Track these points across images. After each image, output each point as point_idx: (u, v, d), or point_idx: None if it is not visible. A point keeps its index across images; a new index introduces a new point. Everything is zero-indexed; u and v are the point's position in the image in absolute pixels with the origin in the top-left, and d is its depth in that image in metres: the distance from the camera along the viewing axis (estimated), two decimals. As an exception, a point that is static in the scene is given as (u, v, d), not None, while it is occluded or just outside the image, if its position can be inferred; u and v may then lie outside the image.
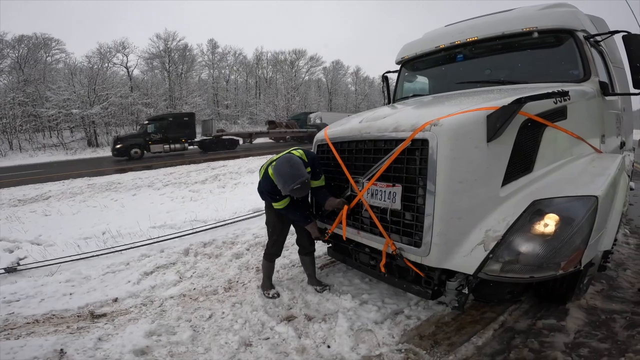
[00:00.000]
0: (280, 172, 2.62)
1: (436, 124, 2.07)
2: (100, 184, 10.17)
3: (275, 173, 2.67)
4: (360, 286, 3.30)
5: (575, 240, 1.88)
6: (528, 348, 2.31)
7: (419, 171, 2.16)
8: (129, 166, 15.24)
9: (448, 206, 2.04)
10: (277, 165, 2.70)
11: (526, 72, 3.19)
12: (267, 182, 2.86)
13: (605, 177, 2.18)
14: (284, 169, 2.61)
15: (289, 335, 2.58)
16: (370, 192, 2.50)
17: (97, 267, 3.94)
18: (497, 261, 1.94)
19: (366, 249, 2.72)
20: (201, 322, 2.83)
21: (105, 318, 2.94)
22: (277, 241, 3.22)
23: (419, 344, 2.42)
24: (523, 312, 2.76)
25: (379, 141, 2.45)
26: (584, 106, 2.75)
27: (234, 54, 50.23)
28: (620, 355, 2.19)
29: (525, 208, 2.01)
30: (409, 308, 2.87)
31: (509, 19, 3.31)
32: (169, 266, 4.00)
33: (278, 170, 2.65)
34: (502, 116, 2.00)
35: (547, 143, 2.35)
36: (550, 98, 2.18)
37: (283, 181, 2.58)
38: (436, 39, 3.88)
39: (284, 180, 2.57)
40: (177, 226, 5.51)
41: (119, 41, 38.76)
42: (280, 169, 2.63)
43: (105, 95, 32.97)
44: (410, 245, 2.25)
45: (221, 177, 10.62)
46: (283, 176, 2.58)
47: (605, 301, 2.86)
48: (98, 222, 6.02)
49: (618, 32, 2.97)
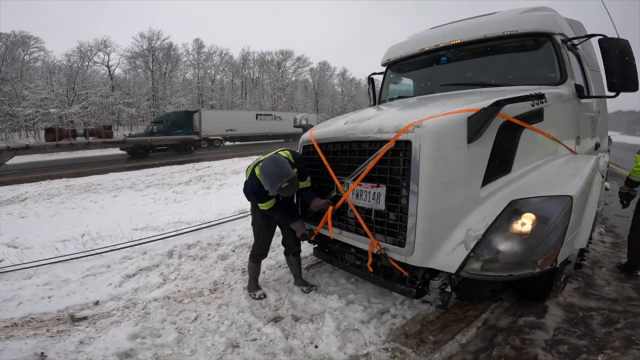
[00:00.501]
0: (267, 171, 2.61)
1: (419, 126, 2.12)
2: (80, 185, 9.87)
3: (262, 173, 2.67)
4: (347, 286, 3.32)
5: (551, 238, 1.94)
6: (510, 345, 2.37)
7: (403, 172, 2.20)
8: (110, 167, 14.83)
9: (430, 206, 2.08)
10: (263, 165, 2.69)
11: (507, 75, 3.26)
12: (254, 182, 2.85)
13: (579, 178, 2.25)
14: (270, 169, 2.60)
15: (277, 336, 2.57)
16: (355, 192, 2.52)
17: (76, 270, 3.83)
18: (478, 260, 1.99)
19: (352, 249, 2.74)
20: (187, 324, 2.79)
21: (87, 321, 2.87)
22: (263, 242, 3.21)
23: (405, 343, 2.45)
24: (504, 310, 2.83)
25: (363, 142, 2.47)
26: (560, 109, 2.84)
27: (220, 53, 49.68)
28: (598, 352, 2.26)
29: (503, 208, 2.07)
30: (394, 307, 2.90)
31: (491, 23, 3.39)
32: (152, 268, 3.93)
33: (265, 170, 2.64)
34: (481, 118, 2.05)
35: (525, 144, 2.42)
36: (527, 101, 2.24)
37: (270, 181, 2.57)
38: (421, 41, 3.94)
39: (271, 180, 2.57)
40: (160, 228, 5.41)
41: (101, 40, 37.81)
42: (267, 169, 2.63)
43: (85, 95, 32.07)
44: (395, 245, 2.28)
45: (206, 178, 10.49)
46: (270, 176, 2.58)
47: (582, 298, 2.95)
48: (77, 224, 5.86)
49: (594, 35, 3.05)
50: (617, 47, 2.76)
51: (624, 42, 2.78)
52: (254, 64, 52.80)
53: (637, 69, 2.79)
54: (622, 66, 2.74)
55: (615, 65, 2.76)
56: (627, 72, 2.75)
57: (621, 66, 2.74)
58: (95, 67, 38.04)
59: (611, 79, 2.81)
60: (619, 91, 2.83)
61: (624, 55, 2.74)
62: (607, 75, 2.84)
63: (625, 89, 2.79)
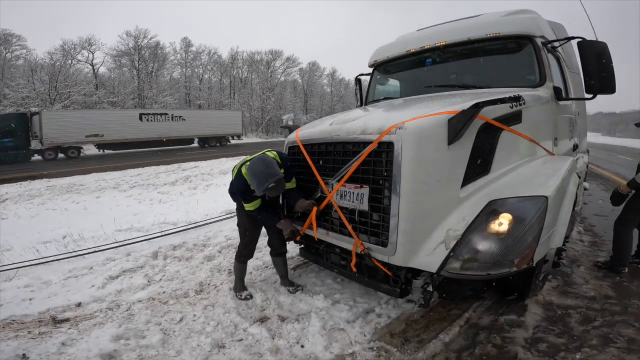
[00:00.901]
0: (255, 171, 2.61)
1: (401, 127, 2.15)
2: (61, 186, 9.67)
3: (249, 172, 2.66)
4: (333, 286, 3.34)
5: (527, 238, 1.99)
6: (491, 343, 2.42)
7: (385, 173, 2.23)
8: (93, 167, 14.51)
9: (412, 207, 2.12)
10: (251, 165, 2.69)
11: (489, 77, 3.31)
12: (241, 182, 2.84)
13: (555, 178, 2.32)
14: (258, 168, 2.60)
15: (263, 336, 2.58)
16: (340, 193, 2.54)
17: (57, 272, 3.79)
18: (457, 259, 2.03)
19: (337, 249, 2.76)
20: (172, 325, 2.77)
21: (69, 323, 2.83)
22: (249, 243, 3.20)
23: (390, 342, 2.48)
24: (486, 309, 2.89)
25: (348, 143, 2.50)
26: (538, 110, 2.89)
27: (208, 52, 49.04)
28: (576, 350, 2.33)
29: (482, 208, 2.11)
30: (379, 307, 2.93)
31: (475, 25, 3.45)
32: (136, 270, 3.89)
33: (252, 169, 2.64)
34: (461, 120, 2.09)
35: (503, 146, 2.48)
36: (504, 103, 2.30)
37: (257, 180, 2.57)
38: (407, 43, 3.98)
39: (258, 180, 2.57)
40: (145, 229, 5.34)
41: (85, 38, 36.86)
42: (254, 168, 2.63)
43: (67, 93, 31.27)
44: (378, 245, 2.31)
45: (192, 178, 10.38)
46: (257, 175, 2.57)
47: (561, 297, 3.03)
48: (58, 225, 5.77)
49: (574, 38, 3.10)
50: (595, 50, 2.80)
51: (602, 45, 2.82)
52: (243, 64, 52.38)
53: (614, 71, 2.82)
54: (600, 68, 2.78)
55: (592, 67, 2.80)
56: (605, 74, 2.78)
57: (599, 68, 2.78)
58: (78, 66, 37.12)
59: (589, 81, 2.85)
60: (597, 93, 2.87)
61: (601, 58, 2.78)
62: (585, 77, 2.87)
63: (603, 91, 2.83)
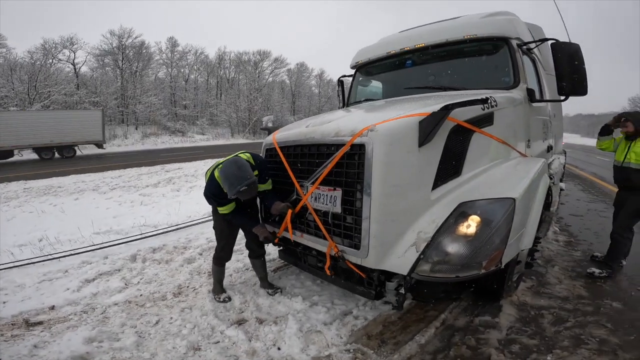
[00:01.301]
0: (227, 174, 2.58)
1: (372, 130, 2.14)
2: (38, 188, 9.41)
3: (222, 175, 2.63)
4: (312, 288, 3.33)
5: (495, 240, 2.00)
6: (466, 345, 2.45)
7: (357, 175, 2.22)
8: (69, 169, 14.12)
9: (383, 209, 2.11)
10: (223, 168, 2.65)
11: (466, 79, 3.34)
12: (213, 185, 2.80)
13: (525, 180, 2.35)
14: (230, 171, 2.57)
15: (239, 339, 2.56)
16: (314, 195, 2.53)
17: (32, 275, 3.71)
18: (427, 262, 2.03)
19: (313, 251, 2.75)
20: (147, 328, 2.75)
21: (42, 326, 2.80)
22: (226, 245, 3.17)
23: (367, 344, 2.48)
24: (462, 310, 2.91)
25: (322, 145, 2.48)
26: (511, 112, 2.93)
27: (194, 52, 48.34)
28: (548, 351, 2.36)
29: (452, 210, 2.13)
30: (357, 308, 2.93)
31: (454, 27, 3.48)
32: (113, 273, 3.84)
33: (224, 172, 2.61)
34: (431, 122, 2.10)
35: (475, 148, 2.50)
36: (474, 105, 2.31)
37: (229, 183, 2.54)
38: (388, 45, 4.01)
39: (230, 182, 2.54)
40: (125, 232, 5.24)
41: (67, 37, 35.85)
42: (226, 171, 2.60)
43: (47, 93, 30.37)
44: (351, 247, 2.30)
45: (176, 180, 10.21)
46: (229, 178, 2.55)
47: (534, 297, 3.08)
48: (35, 228, 5.62)
49: (547, 39, 3.12)
50: (568, 51, 2.81)
51: (575, 46, 2.84)
52: (230, 64, 51.89)
53: (586, 73, 2.83)
54: (572, 70, 2.79)
55: (565, 69, 2.81)
56: (577, 76, 2.80)
57: (571, 70, 2.79)
58: (59, 65, 36.08)
59: (561, 82, 2.87)
60: (569, 95, 2.91)
61: (573, 60, 2.79)
62: (558, 79, 2.89)
63: (574, 93, 2.85)
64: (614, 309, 2.86)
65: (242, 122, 45.37)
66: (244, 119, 45.30)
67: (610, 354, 2.31)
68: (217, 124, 45.80)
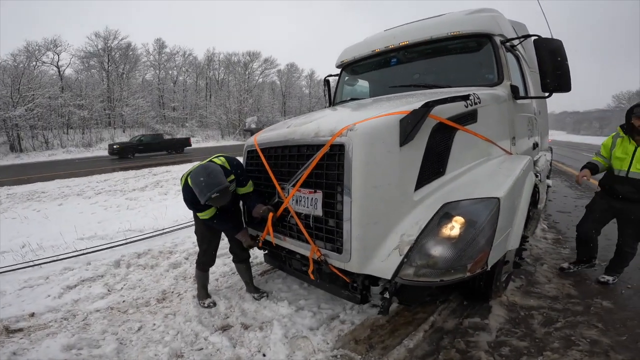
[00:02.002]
0: (196, 182, 2.47)
1: (352, 129, 2.07)
2: (22, 194, 9.19)
3: (192, 182, 2.53)
4: (299, 292, 3.26)
5: (480, 241, 1.94)
6: (455, 348, 2.39)
7: (337, 177, 2.14)
8: (56, 173, 13.81)
9: (364, 211, 2.04)
10: (193, 175, 2.55)
11: (451, 77, 3.30)
12: (187, 192, 2.69)
13: (510, 179, 2.29)
14: (198, 178, 2.47)
15: (223, 345, 2.49)
16: (296, 198, 2.45)
17: (12, 282, 3.63)
18: (411, 265, 1.96)
19: (297, 255, 2.68)
20: (129, 335, 2.68)
21: (22, 333, 2.75)
22: (208, 250, 3.08)
23: (354, 349, 2.42)
24: (451, 312, 2.86)
25: (302, 146, 2.41)
26: (495, 109, 2.88)
27: (183, 54, 47.78)
28: (538, 353, 2.31)
29: (436, 211, 2.06)
30: (344, 312, 2.86)
31: (438, 24, 3.44)
32: (95, 279, 3.75)
33: (194, 179, 2.50)
34: (412, 120, 2.04)
35: (458, 146, 2.44)
36: (455, 102, 2.25)
37: (199, 190, 2.45)
38: (373, 43, 3.97)
39: (199, 190, 2.44)
40: (109, 237, 5.11)
41: (50, 39, 35.06)
42: (195, 179, 2.49)
43: (31, 96, 29.67)
44: (334, 251, 2.22)
45: (163, 183, 10.04)
46: (199, 185, 2.45)
47: (524, 297, 3.04)
48: (17, 235, 5.46)
49: (530, 36, 3.08)
50: (550, 47, 2.78)
51: (557, 42, 2.80)
52: (220, 65, 51.48)
53: (569, 69, 2.78)
54: (555, 66, 2.75)
55: (548, 65, 2.77)
56: (560, 72, 2.75)
57: (554, 66, 2.76)
58: (43, 68, 35.27)
59: (544, 79, 2.82)
60: (552, 91, 2.85)
61: (556, 56, 2.75)
62: (541, 75, 2.85)
63: (558, 90, 2.81)
64: (604, 308, 2.83)
65: (232, 123, 45.07)
66: (234, 120, 45.02)
67: (602, 355, 2.27)
68: (207, 125, 45.40)
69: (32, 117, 29.82)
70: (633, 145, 3.02)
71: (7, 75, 29.51)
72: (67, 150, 29.00)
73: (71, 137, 32.55)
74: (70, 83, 36.15)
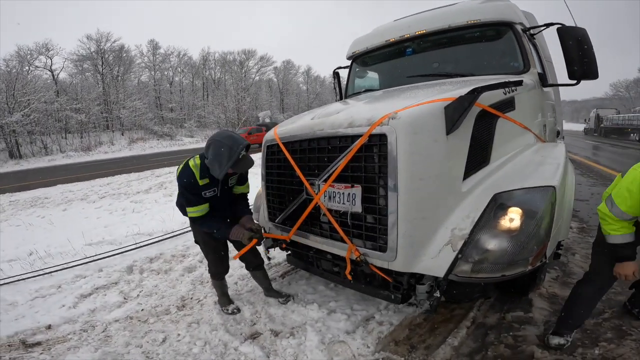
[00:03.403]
0: (217, 151, 2.27)
1: (394, 117, 1.93)
2: (25, 200, 9.09)
3: (212, 154, 2.30)
4: (326, 293, 3.12)
5: (540, 233, 1.83)
6: (503, 344, 2.29)
7: (379, 169, 2.00)
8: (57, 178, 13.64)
9: (411, 205, 1.92)
10: (214, 142, 2.32)
11: (472, 65, 3.22)
12: (187, 174, 2.43)
13: (557, 167, 2.19)
14: (219, 148, 2.27)
15: (256, 355, 2.34)
16: (327, 194, 2.30)
17: (23, 292, 3.50)
18: (467, 261, 1.85)
19: (328, 255, 2.54)
20: (154, 347, 2.53)
21: (41, 347, 2.61)
22: (216, 258, 2.83)
23: (395, 351, 2.30)
24: (490, 307, 2.75)
25: (333, 138, 2.25)
26: (527, 97, 2.80)
27: (177, 54, 47.48)
28: (593, 344, 2.22)
29: (487, 202, 1.94)
30: (379, 313, 2.74)
31: (454, 12, 3.34)
32: (109, 286, 3.61)
33: (215, 150, 2.29)
34: (459, 107, 1.91)
35: (500, 134, 2.34)
36: (505, 87, 2.14)
37: (228, 153, 2.25)
38: (385, 33, 3.84)
39: (228, 153, 2.24)
40: (118, 242, 4.98)
41: (42, 43, 34.70)
42: (216, 149, 2.28)
43: (27, 101, 29.39)
44: (375, 250, 2.09)
45: (167, 184, 9.89)
46: (223, 152, 2.25)
47: (563, 288, 2.93)
48: (23, 242, 5.36)
49: (553, 24, 3.03)
50: (575, 36, 2.76)
51: (582, 31, 2.78)
52: (215, 65, 51.17)
53: (595, 57, 2.78)
54: (582, 54, 2.74)
55: (574, 53, 2.75)
56: (587, 60, 2.74)
57: (580, 54, 2.74)
58: (37, 72, 34.94)
59: (571, 67, 2.79)
60: (580, 79, 2.82)
61: (582, 44, 2.74)
62: (567, 63, 2.82)
63: (586, 77, 2.79)
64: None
65: (231, 122, 44.82)
66: (233, 119, 44.77)
67: (657, 345, 2.17)
68: (206, 125, 45.17)
69: (30, 123, 29.58)
70: None
71: (1, 81, 29.23)
72: (66, 155, 28.76)
73: (70, 141, 32.32)
74: (65, 87, 35.87)
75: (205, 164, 2.44)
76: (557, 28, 2.86)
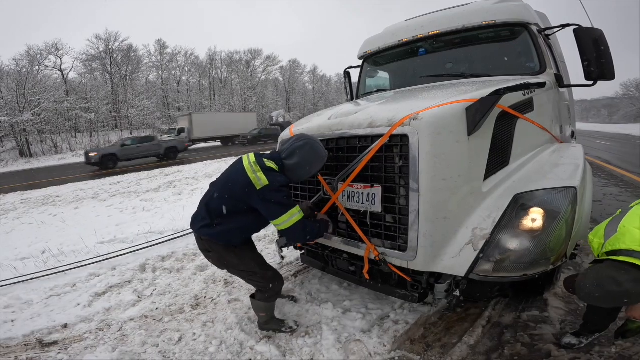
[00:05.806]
0: (312, 145, 2.17)
1: (415, 118, 1.94)
2: (36, 198, 9.20)
3: (310, 150, 2.15)
4: (340, 292, 3.12)
5: (562, 233, 1.85)
6: (520, 343, 2.28)
7: (400, 169, 2.03)
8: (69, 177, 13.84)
9: (433, 205, 1.93)
10: (307, 149, 2.17)
11: (487, 65, 3.21)
12: (279, 176, 2.11)
13: (576, 167, 2.19)
14: (315, 149, 2.18)
15: (273, 355, 2.34)
16: (346, 194, 2.32)
17: (38, 291, 3.51)
18: (489, 261, 1.86)
19: (344, 254, 2.56)
20: (170, 347, 2.53)
21: (57, 346, 2.61)
22: (275, 272, 2.49)
23: (411, 350, 2.30)
24: (505, 306, 2.75)
25: (352, 138, 2.28)
26: (545, 98, 2.80)
27: (185, 54, 47.87)
28: (609, 344, 2.21)
29: (508, 203, 1.96)
30: (394, 312, 2.74)
31: (468, 13, 3.33)
32: (123, 285, 3.63)
33: (313, 152, 2.16)
34: (481, 108, 1.92)
35: (520, 135, 2.34)
36: (527, 89, 2.15)
37: (321, 156, 2.17)
38: (398, 33, 3.83)
39: (322, 155, 2.18)
40: (130, 240, 5.02)
41: (52, 43, 35.18)
42: (313, 150, 2.17)
43: (37, 101, 29.82)
44: (395, 249, 2.11)
45: (176, 183, 9.98)
46: (317, 153, 2.17)
47: None
48: (36, 240, 5.42)
49: (569, 25, 3.03)
50: (592, 37, 2.77)
51: (599, 32, 2.79)
52: (222, 64, 51.45)
53: (612, 58, 2.79)
54: (599, 55, 2.75)
55: (591, 54, 2.76)
56: (604, 61, 2.75)
57: (597, 55, 2.75)
58: (46, 72, 35.46)
59: (588, 68, 2.80)
60: (597, 80, 2.83)
61: (599, 45, 2.74)
62: (584, 64, 2.82)
63: (603, 78, 2.79)
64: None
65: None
66: (239, 118, 44.91)
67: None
68: (212, 124, 45.37)
69: (40, 122, 30.02)
70: None
71: (11, 80, 29.70)
72: (76, 154, 29.12)
73: (79, 140, 32.75)
74: (74, 86, 36.34)
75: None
76: (574, 29, 2.86)
